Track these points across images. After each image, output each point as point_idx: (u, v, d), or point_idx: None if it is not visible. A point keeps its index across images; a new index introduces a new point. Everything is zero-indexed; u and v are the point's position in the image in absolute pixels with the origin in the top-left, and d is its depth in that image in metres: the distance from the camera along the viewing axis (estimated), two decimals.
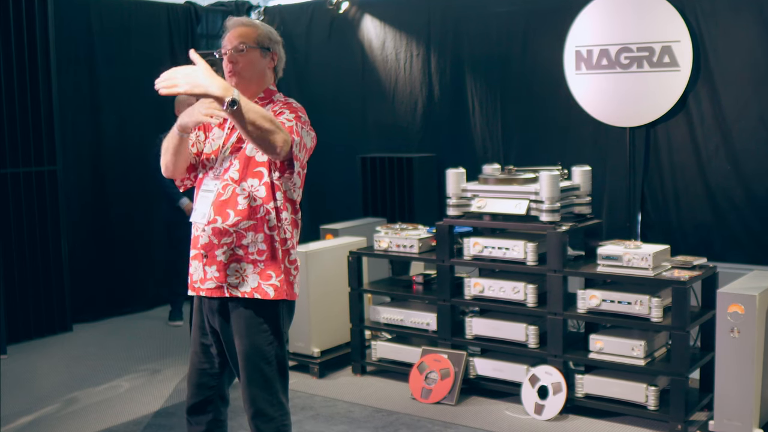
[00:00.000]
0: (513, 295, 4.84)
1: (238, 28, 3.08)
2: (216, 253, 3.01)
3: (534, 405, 4.67)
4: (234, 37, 3.06)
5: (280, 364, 3.10)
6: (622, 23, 6.14)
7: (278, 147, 2.79)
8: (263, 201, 2.99)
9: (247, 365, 3.06)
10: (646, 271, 4.42)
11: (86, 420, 4.80)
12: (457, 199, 5.04)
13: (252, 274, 3.00)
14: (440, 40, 7.27)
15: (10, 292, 6.31)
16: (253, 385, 3.07)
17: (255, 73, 3.07)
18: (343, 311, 5.56)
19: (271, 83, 3.15)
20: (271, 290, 3.01)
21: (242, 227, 3.00)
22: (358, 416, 4.75)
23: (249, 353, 3.04)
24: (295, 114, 3.00)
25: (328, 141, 8.04)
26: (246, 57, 3.04)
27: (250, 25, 3.10)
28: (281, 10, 8.32)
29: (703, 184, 6.02)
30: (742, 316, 4.03)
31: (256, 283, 3.00)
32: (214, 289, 3.05)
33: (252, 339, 3.03)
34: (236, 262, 3.01)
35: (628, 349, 4.47)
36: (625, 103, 6.19)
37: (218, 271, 3.02)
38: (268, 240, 3.00)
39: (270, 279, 3.01)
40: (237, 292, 3.01)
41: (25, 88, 6.38)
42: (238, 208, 2.99)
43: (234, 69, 3.03)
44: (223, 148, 3.09)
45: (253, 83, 3.08)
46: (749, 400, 4.05)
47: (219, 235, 3.01)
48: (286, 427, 3.14)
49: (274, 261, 3.01)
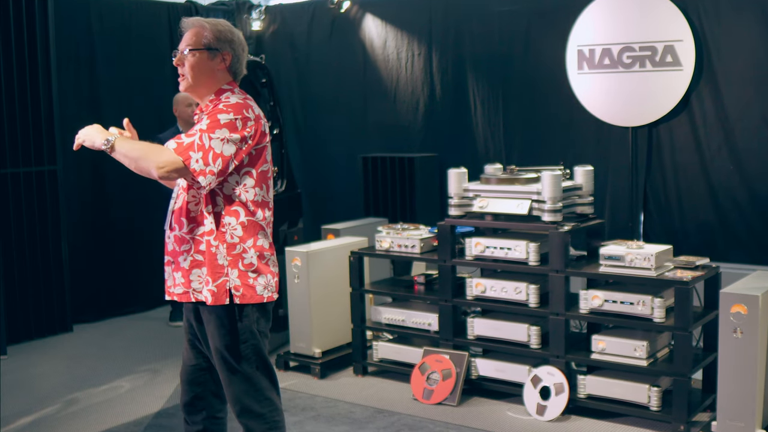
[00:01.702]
0: (515, 296, 4.82)
1: (188, 31, 3.10)
2: (179, 260, 3.09)
3: (536, 406, 4.66)
4: (183, 40, 3.10)
5: (260, 361, 3.11)
6: (624, 22, 6.12)
7: (153, 173, 2.94)
8: (203, 206, 3.05)
9: (222, 365, 3.09)
10: (649, 271, 4.40)
11: (87, 421, 4.79)
12: (458, 199, 5.02)
13: (207, 276, 3.05)
14: (442, 40, 7.26)
15: (10, 293, 6.29)
16: (233, 383, 3.09)
17: (202, 75, 3.07)
18: (345, 311, 5.54)
19: (226, 82, 3.13)
20: (224, 297, 3.03)
21: (197, 234, 3.05)
22: (360, 417, 4.73)
23: (221, 354, 3.08)
24: (212, 121, 2.97)
25: (329, 141, 8.08)
26: (192, 60, 3.05)
27: (199, 27, 3.09)
28: (282, 9, 8.30)
29: (705, 184, 6.00)
30: (745, 317, 4.01)
31: (212, 289, 3.04)
32: (182, 294, 3.11)
33: (222, 340, 3.07)
34: (197, 268, 3.06)
35: (631, 349, 4.45)
36: (628, 103, 6.17)
37: (183, 277, 3.09)
38: (216, 245, 3.03)
39: (222, 286, 3.03)
40: (201, 296, 3.07)
41: (25, 88, 6.37)
42: (190, 215, 3.07)
43: (181, 72, 3.09)
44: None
45: (201, 86, 3.09)
46: (752, 400, 4.03)
47: (180, 243, 3.09)
48: (278, 423, 3.14)
49: (223, 267, 3.03)
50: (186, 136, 2.98)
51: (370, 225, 6.48)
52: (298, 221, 6.19)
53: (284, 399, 4.99)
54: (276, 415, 3.14)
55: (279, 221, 5.99)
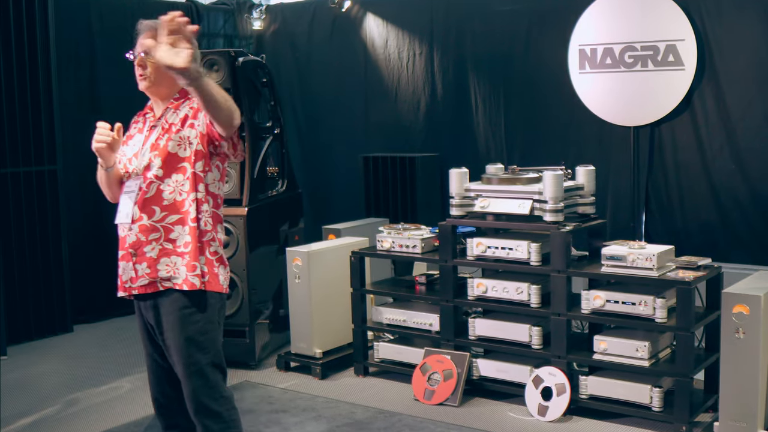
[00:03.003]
0: (516, 296, 4.81)
1: (148, 32, 3.08)
2: (145, 250, 3.08)
3: (537, 406, 4.64)
4: (142, 42, 3.09)
5: (216, 356, 3.13)
6: (626, 22, 6.11)
7: (236, 121, 2.92)
8: (187, 194, 3.07)
9: (183, 358, 3.08)
10: (651, 271, 4.39)
11: (87, 421, 4.78)
12: (460, 198, 5.01)
13: (181, 266, 3.06)
14: (443, 39, 7.25)
15: (10, 293, 6.28)
16: (193, 377, 3.07)
17: (165, 76, 3.04)
18: (346, 312, 5.52)
19: None
20: (197, 280, 3.06)
21: (169, 222, 3.08)
22: (361, 417, 4.72)
23: (182, 345, 3.07)
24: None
25: (330, 141, 8.07)
26: (154, 61, 3.01)
27: (158, 28, 2.95)
28: (283, 9, 8.30)
29: (707, 184, 5.99)
30: (747, 317, 4.00)
31: (185, 275, 3.06)
32: (146, 285, 3.10)
33: (185, 330, 3.06)
34: (166, 257, 3.07)
35: (633, 350, 4.43)
36: (630, 103, 6.16)
37: (149, 267, 3.08)
38: (192, 232, 3.07)
39: (195, 270, 3.06)
40: (170, 284, 3.07)
41: (26, 88, 6.36)
42: (164, 204, 3.07)
43: (143, 74, 3.11)
44: (143, 148, 3.15)
45: (164, 86, 3.13)
46: (754, 401, 4.01)
47: (146, 232, 3.07)
48: (235, 422, 3.15)
49: (197, 252, 3.07)
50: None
51: (371, 225, 6.47)
52: (298, 221, 6.18)
53: (285, 400, 5.00)
54: (234, 414, 3.15)
55: (280, 221, 5.98)
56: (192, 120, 3.09)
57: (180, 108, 3.14)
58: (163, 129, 3.11)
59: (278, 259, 5.84)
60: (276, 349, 5.87)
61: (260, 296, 5.64)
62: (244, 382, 5.32)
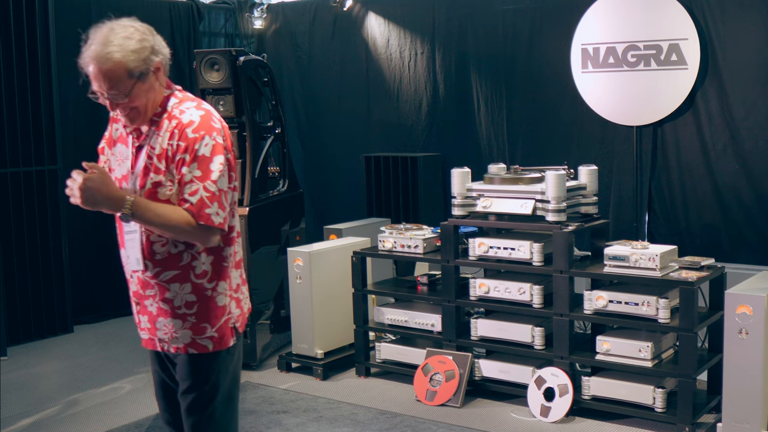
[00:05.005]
0: (519, 296, 4.79)
1: (101, 71, 2.54)
2: (146, 304, 2.72)
3: (540, 407, 4.62)
4: (102, 83, 2.55)
5: (228, 401, 2.78)
6: (629, 21, 6.09)
7: (208, 243, 2.58)
8: (185, 246, 2.62)
9: (189, 419, 2.75)
10: (654, 271, 4.37)
11: (87, 422, 4.77)
12: (462, 198, 4.99)
13: (181, 330, 2.67)
14: (445, 38, 7.23)
15: (10, 293, 6.27)
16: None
17: (148, 103, 2.61)
18: (347, 312, 5.51)
19: (163, 88, 2.68)
20: (210, 343, 2.69)
21: (163, 279, 2.64)
22: (362, 418, 4.71)
23: (190, 408, 2.73)
24: (200, 162, 2.55)
25: (331, 140, 8.05)
26: (128, 99, 2.57)
27: (113, 62, 2.55)
28: (284, 8, 8.28)
29: (711, 184, 5.97)
30: (750, 317, 3.98)
31: (189, 339, 2.67)
32: (147, 340, 2.79)
33: (194, 393, 2.72)
34: (162, 317, 2.68)
35: (635, 350, 4.41)
36: (633, 102, 6.14)
37: (149, 323, 2.73)
38: (196, 289, 2.65)
39: (205, 332, 2.67)
40: (169, 347, 2.71)
41: (26, 88, 6.35)
42: (156, 258, 2.63)
43: (123, 114, 2.62)
44: (132, 174, 2.68)
45: (149, 110, 2.63)
46: (758, 402, 4.00)
47: (144, 286, 2.69)
48: None
49: (207, 312, 2.66)
50: (189, 194, 2.56)
51: (373, 225, 6.46)
52: (300, 221, 6.16)
53: (286, 401, 4.99)
54: None
55: (281, 221, 5.97)
56: (171, 165, 2.60)
57: (161, 130, 2.63)
58: (148, 156, 2.62)
59: (279, 259, 5.82)
60: (277, 349, 5.86)
61: (261, 297, 5.63)
62: (245, 382, 5.30)
